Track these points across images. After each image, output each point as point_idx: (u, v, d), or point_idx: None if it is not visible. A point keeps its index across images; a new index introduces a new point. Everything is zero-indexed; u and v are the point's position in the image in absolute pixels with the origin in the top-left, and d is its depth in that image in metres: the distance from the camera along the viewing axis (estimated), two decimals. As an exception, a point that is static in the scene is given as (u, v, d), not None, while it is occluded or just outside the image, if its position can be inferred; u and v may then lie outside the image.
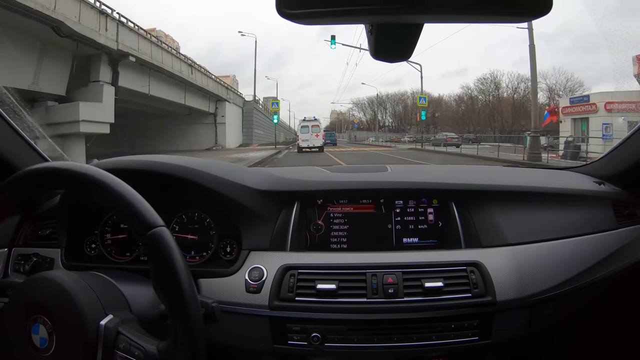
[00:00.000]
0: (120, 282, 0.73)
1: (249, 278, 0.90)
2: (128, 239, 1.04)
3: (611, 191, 1.14)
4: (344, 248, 1.01)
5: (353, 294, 0.87)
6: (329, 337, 0.86)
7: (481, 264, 0.91)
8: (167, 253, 0.58)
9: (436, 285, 0.87)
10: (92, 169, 0.64)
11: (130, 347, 0.59)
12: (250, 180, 1.01)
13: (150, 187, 0.72)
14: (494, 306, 0.87)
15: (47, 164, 0.69)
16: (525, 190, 1.06)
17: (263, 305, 0.87)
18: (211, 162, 1.06)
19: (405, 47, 0.47)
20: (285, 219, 0.99)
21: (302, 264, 0.91)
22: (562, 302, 0.95)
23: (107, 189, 0.62)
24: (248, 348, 0.90)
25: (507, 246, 0.96)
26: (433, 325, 0.86)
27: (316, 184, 1.05)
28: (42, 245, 1.02)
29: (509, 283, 0.89)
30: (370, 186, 1.04)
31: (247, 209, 0.98)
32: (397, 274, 0.88)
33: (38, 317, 0.62)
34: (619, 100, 13.58)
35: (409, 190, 1.04)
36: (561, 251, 0.97)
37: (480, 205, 1.01)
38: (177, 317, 0.57)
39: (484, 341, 0.87)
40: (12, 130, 1.03)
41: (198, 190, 0.97)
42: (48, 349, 0.61)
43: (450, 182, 1.05)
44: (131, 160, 1.01)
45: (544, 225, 1.01)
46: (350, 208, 1.03)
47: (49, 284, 0.64)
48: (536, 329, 0.93)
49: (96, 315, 0.61)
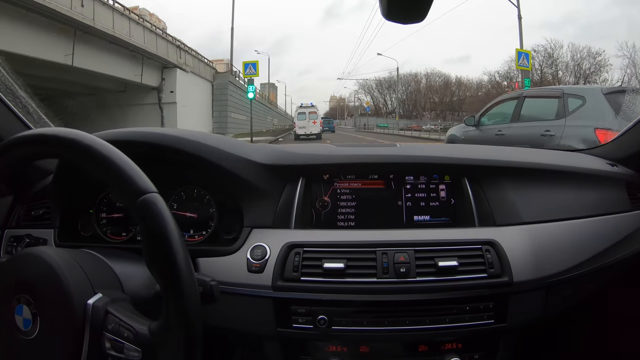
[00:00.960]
0: (113, 261, 0.67)
1: (251, 257, 0.84)
2: (124, 218, 0.98)
3: (625, 173, 1.11)
4: (351, 226, 0.96)
5: (362, 274, 0.82)
6: (336, 319, 0.81)
7: (497, 242, 0.86)
8: (160, 221, 0.52)
9: (450, 265, 0.82)
10: (80, 133, 0.58)
11: (120, 328, 0.53)
12: (253, 154, 0.96)
13: (147, 161, 0.66)
14: (510, 287, 0.83)
15: (32, 131, 0.63)
16: (539, 168, 1.02)
17: (266, 286, 0.82)
18: (211, 135, 1.00)
19: (421, 5, 0.43)
20: (289, 194, 0.94)
21: (308, 242, 0.86)
22: (578, 284, 0.91)
23: (94, 154, 0.56)
24: (249, 331, 0.85)
25: (522, 225, 0.92)
26: (447, 307, 0.82)
27: (322, 157, 0.99)
28: (35, 226, 0.97)
29: (525, 263, 0.85)
30: (379, 160, 0.99)
31: (250, 183, 0.92)
32: (409, 252, 0.83)
33: (22, 296, 0.56)
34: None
35: (420, 164, 0.99)
36: (577, 231, 0.94)
37: (494, 182, 0.97)
38: (170, 295, 0.52)
39: (500, 324, 0.83)
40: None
41: (198, 163, 0.91)
42: (32, 331, 0.55)
43: (462, 157, 1.00)
44: (128, 131, 0.95)
45: (559, 205, 0.97)
46: (358, 184, 0.98)
47: (33, 261, 0.58)
48: (552, 312, 0.89)
49: (84, 294, 0.55)
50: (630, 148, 1.14)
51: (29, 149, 0.63)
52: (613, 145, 1.22)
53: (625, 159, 1.14)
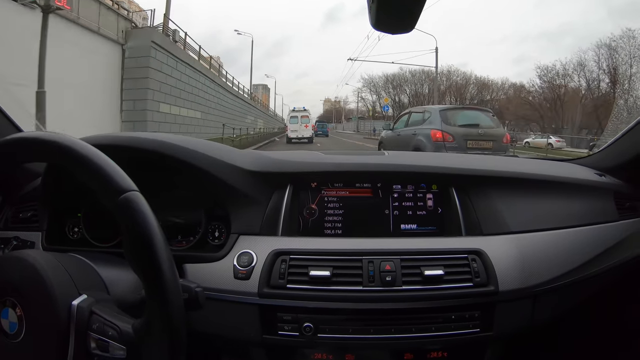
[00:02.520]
0: (100, 265, 0.67)
1: (238, 263, 0.84)
2: (112, 222, 0.97)
3: (613, 183, 1.12)
4: (338, 234, 0.96)
5: (348, 282, 0.82)
6: (322, 327, 0.81)
7: (483, 252, 0.87)
8: (141, 220, 0.52)
9: (436, 274, 0.82)
10: (61, 136, 0.59)
11: (104, 327, 0.54)
12: (241, 161, 0.96)
13: (135, 166, 0.67)
14: (496, 296, 0.83)
15: (14, 135, 0.63)
16: (527, 177, 1.03)
17: (252, 293, 0.82)
18: (199, 141, 1.00)
19: (410, 16, 0.43)
20: (277, 202, 0.94)
21: (294, 249, 0.86)
22: (565, 293, 0.92)
23: (73, 153, 0.56)
24: (235, 338, 0.85)
25: (509, 234, 0.93)
26: (433, 316, 0.82)
27: (310, 165, 0.99)
28: (23, 228, 0.97)
29: (511, 272, 0.86)
30: (367, 168, 0.99)
31: (237, 190, 0.92)
32: (395, 261, 0.84)
33: (7, 299, 0.56)
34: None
35: (408, 174, 1.00)
36: (564, 241, 0.95)
37: (481, 192, 0.98)
38: (154, 298, 0.52)
39: (486, 333, 0.83)
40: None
41: (185, 169, 0.91)
42: (18, 334, 0.55)
43: (450, 167, 1.01)
44: (115, 135, 0.95)
45: (546, 214, 0.98)
46: (346, 192, 0.98)
47: (18, 264, 0.58)
48: (539, 321, 0.89)
49: (68, 295, 0.56)
50: (618, 158, 1.15)
51: (10, 152, 0.63)
52: (601, 155, 1.23)
53: (613, 168, 1.15)
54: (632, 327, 1.12)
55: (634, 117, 1.10)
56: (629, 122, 1.12)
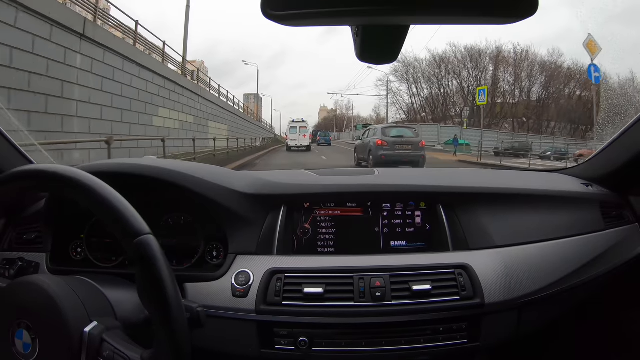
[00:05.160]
0: (106, 287, 0.71)
1: (236, 282, 0.89)
2: (114, 244, 1.02)
3: (599, 193, 1.15)
4: (331, 252, 1.00)
5: (340, 298, 0.87)
6: (316, 341, 0.86)
7: (469, 266, 0.91)
8: (153, 262, 0.57)
9: (424, 288, 0.87)
10: (78, 172, 0.63)
11: (115, 356, 0.58)
12: (237, 184, 1.00)
13: (136, 190, 0.71)
14: (482, 308, 0.87)
15: (32, 166, 0.68)
16: (512, 193, 1.07)
17: (250, 310, 0.87)
18: (197, 165, 1.05)
19: (392, 49, 0.47)
20: (272, 222, 0.98)
21: (289, 268, 0.91)
22: (550, 304, 0.95)
23: (93, 194, 0.61)
24: (235, 353, 0.89)
25: (495, 248, 0.96)
26: (421, 329, 0.86)
27: (303, 187, 1.04)
28: (27, 249, 1.01)
29: (497, 285, 0.90)
30: (357, 189, 1.04)
31: (234, 212, 0.97)
32: (385, 277, 0.88)
33: (22, 321, 0.61)
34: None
35: (396, 193, 1.04)
36: (549, 253, 0.98)
37: (468, 208, 1.02)
38: (161, 322, 0.57)
39: (473, 344, 0.87)
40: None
41: (184, 193, 0.96)
42: (32, 354, 0.60)
43: (437, 185, 1.05)
44: (117, 163, 1.00)
45: (532, 227, 1.01)
46: (337, 211, 1.02)
47: (33, 289, 0.63)
48: (525, 331, 0.93)
49: (80, 321, 0.60)
50: (604, 168, 1.18)
51: (27, 183, 0.68)
52: (588, 165, 1.26)
53: (599, 178, 1.18)
54: (617, 335, 1.15)
55: (619, 127, 1.13)
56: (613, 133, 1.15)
